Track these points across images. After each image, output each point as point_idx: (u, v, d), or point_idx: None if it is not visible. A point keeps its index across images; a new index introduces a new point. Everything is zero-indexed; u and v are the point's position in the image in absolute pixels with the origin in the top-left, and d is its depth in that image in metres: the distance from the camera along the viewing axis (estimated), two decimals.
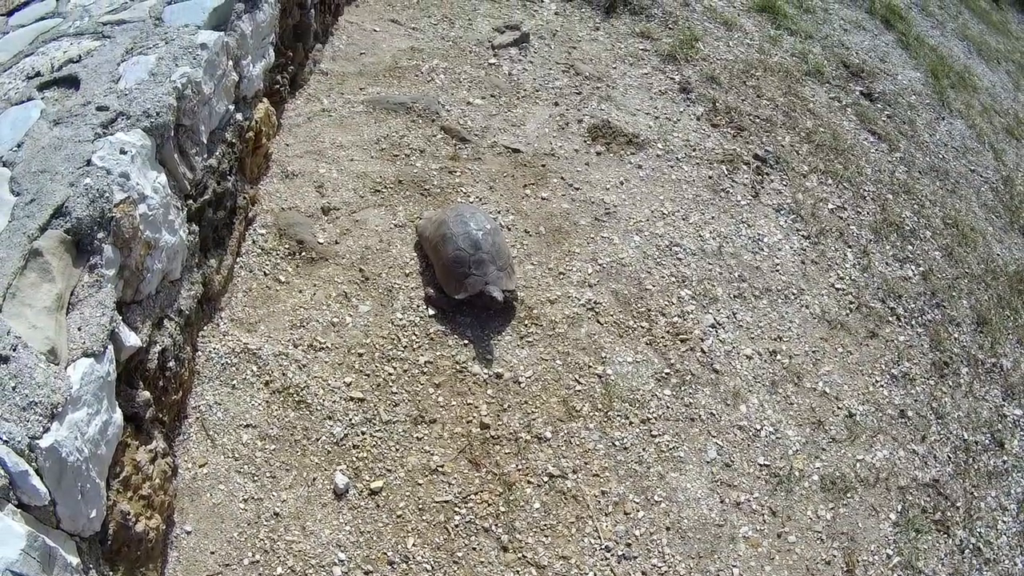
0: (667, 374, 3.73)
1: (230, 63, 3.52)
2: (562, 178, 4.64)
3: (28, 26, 3.49)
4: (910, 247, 5.10)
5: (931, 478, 3.82)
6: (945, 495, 3.79)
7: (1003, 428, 4.30)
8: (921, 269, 4.97)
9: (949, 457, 3.98)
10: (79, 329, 2.20)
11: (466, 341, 3.63)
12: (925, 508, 3.69)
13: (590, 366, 3.65)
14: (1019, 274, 5.44)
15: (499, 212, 4.30)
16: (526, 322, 3.78)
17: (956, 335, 4.67)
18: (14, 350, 1.96)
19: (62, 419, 1.97)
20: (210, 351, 3.32)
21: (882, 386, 4.12)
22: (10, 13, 3.68)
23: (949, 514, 3.72)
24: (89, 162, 2.51)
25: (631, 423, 3.49)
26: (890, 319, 4.52)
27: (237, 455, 3.04)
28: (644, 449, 3.42)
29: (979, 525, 3.75)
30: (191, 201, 3.15)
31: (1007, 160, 6.78)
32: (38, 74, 3.01)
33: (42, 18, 3.55)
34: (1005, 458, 4.15)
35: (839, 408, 3.90)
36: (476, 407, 3.39)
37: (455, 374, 3.49)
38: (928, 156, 6.12)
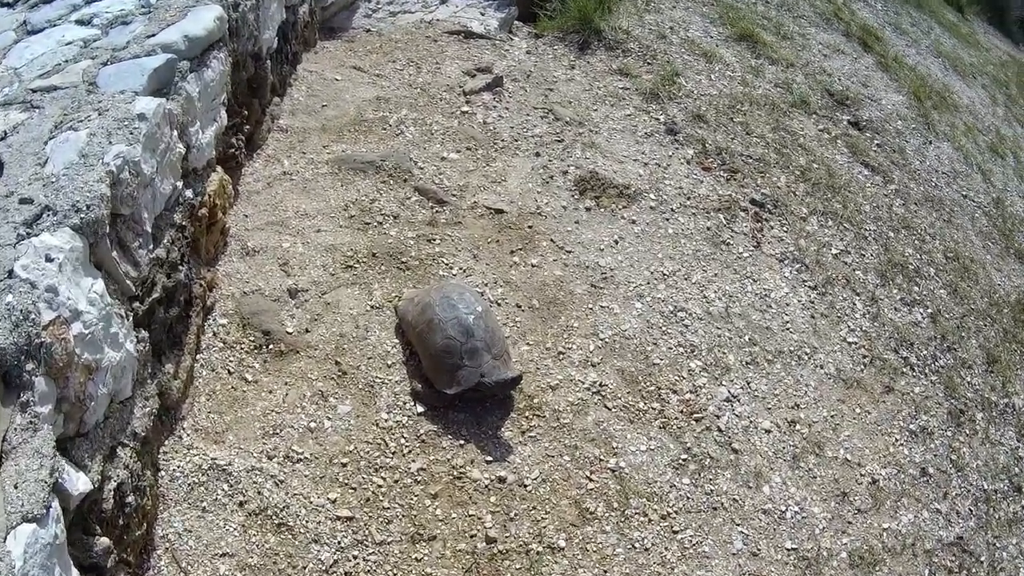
0: (684, 460, 3.43)
1: (175, 133, 3.11)
2: (552, 240, 4.33)
3: None
4: (916, 288, 4.95)
5: (955, 536, 3.73)
6: (969, 551, 3.71)
7: (1020, 472, 4.27)
8: (929, 311, 4.83)
9: (971, 510, 3.91)
10: (15, 487, 1.85)
11: (462, 441, 3.28)
12: (951, 569, 3.60)
13: (601, 459, 3.33)
14: (1020, 303, 5.41)
15: (486, 285, 3.97)
16: (527, 414, 3.43)
17: (968, 379, 4.58)
18: None
19: None
20: (174, 470, 2.93)
21: (902, 444, 3.98)
22: None
23: (974, 570, 3.66)
24: (11, 273, 2.11)
25: (650, 520, 3.19)
26: (904, 370, 4.36)
27: None
28: (667, 548, 3.12)
29: None
30: (137, 303, 2.75)
31: (995, 181, 6.79)
32: None
33: None
34: (1023, 503, 4.10)
35: (862, 475, 3.73)
36: (479, 518, 3.04)
37: (453, 481, 3.14)
38: (922, 185, 6.01)
